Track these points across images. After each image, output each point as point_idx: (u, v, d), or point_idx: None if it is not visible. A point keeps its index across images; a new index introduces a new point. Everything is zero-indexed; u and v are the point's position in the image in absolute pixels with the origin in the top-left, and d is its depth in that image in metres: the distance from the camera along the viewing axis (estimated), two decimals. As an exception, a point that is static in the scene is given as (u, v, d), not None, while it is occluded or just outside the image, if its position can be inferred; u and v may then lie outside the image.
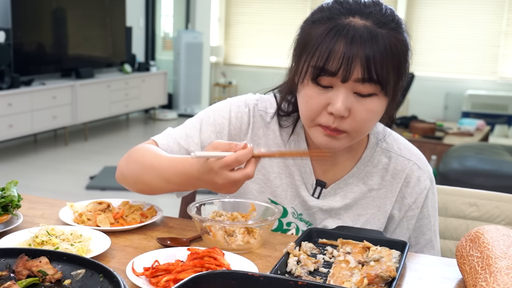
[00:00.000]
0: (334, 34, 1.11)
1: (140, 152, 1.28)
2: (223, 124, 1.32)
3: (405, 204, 1.32)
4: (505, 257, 0.91)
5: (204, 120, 1.33)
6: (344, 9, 1.14)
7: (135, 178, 1.26)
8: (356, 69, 1.10)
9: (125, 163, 1.30)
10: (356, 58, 1.09)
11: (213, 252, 1.03)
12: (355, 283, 0.97)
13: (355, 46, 1.09)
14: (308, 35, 1.16)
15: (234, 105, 1.34)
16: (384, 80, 1.12)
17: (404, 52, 1.15)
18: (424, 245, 1.34)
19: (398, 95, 1.19)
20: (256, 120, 1.33)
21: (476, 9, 7.99)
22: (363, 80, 1.11)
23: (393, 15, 1.16)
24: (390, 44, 1.11)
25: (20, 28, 5.91)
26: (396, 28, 1.14)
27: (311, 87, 1.15)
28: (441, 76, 8.09)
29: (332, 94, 1.14)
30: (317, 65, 1.12)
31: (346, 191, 1.31)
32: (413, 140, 3.48)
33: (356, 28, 1.10)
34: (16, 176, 4.76)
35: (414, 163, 1.32)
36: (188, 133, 1.32)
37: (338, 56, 1.10)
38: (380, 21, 1.12)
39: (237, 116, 1.32)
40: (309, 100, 1.16)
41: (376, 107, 1.15)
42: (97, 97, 6.78)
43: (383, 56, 1.10)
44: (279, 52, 8.94)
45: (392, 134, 1.35)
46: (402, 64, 1.15)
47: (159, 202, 1.40)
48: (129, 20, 7.76)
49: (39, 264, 0.94)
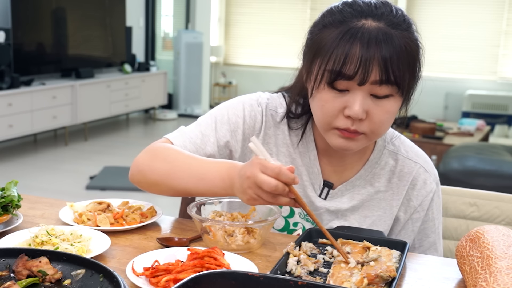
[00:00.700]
0: (349, 38, 1.10)
1: (166, 151, 1.23)
2: (238, 122, 1.31)
3: (411, 207, 1.32)
4: (505, 257, 0.91)
5: (218, 118, 1.31)
6: (355, 12, 1.13)
7: (162, 178, 1.21)
8: (373, 72, 1.09)
9: (147, 162, 1.23)
10: (374, 60, 1.09)
11: (213, 252, 1.03)
12: (355, 283, 0.97)
13: (371, 49, 1.09)
14: (320, 39, 1.15)
15: (248, 104, 1.32)
16: (401, 81, 1.12)
17: (417, 52, 1.15)
18: (428, 247, 1.35)
19: (411, 94, 1.19)
20: (268, 119, 1.32)
21: (476, 9, 7.99)
22: (380, 82, 1.11)
23: (404, 15, 1.15)
24: (405, 44, 1.11)
25: (20, 28, 5.91)
26: (408, 29, 1.14)
27: (327, 91, 1.14)
28: (441, 76, 8.09)
29: (348, 97, 1.13)
30: (334, 69, 1.11)
31: (353, 192, 1.31)
32: (413, 140, 3.48)
33: (370, 30, 1.10)
34: (16, 176, 4.76)
35: (421, 166, 1.32)
36: (204, 132, 1.30)
37: (355, 59, 1.09)
38: (393, 22, 1.12)
39: (251, 115, 1.31)
40: (324, 104, 1.15)
41: (393, 108, 1.15)
42: (97, 97, 6.78)
43: (399, 57, 1.10)
44: (279, 52, 8.95)
45: (400, 137, 1.35)
46: (416, 63, 1.15)
47: (159, 202, 1.40)
48: (129, 20, 7.76)
49: (39, 264, 0.94)
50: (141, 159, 1.25)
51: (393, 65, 1.10)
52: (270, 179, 1.00)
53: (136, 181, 1.27)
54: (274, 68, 8.90)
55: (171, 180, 1.19)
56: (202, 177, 1.15)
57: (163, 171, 1.20)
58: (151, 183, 1.23)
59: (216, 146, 1.29)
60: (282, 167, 1.00)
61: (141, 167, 1.24)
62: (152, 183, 1.23)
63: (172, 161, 1.20)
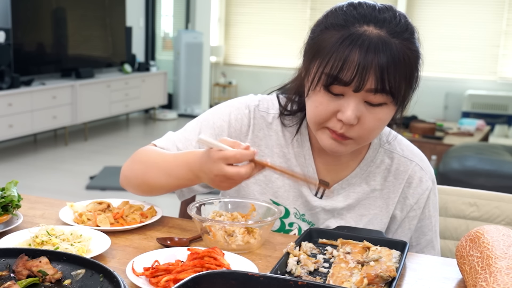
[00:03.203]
0: (349, 43, 1.10)
1: (143, 153, 1.30)
2: (222, 126, 1.32)
3: (407, 205, 1.32)
4: (505, 257, 0.91)
5: (204, 123, 1.34)
6: (359, 15, 1.13)
7: (138, 179, 1.28)
8: (369, 80, 1.10)
9: (128, 166, 1.32)
10: (371, 68, 1.09)
11: (213, 252, 1.03)
12: (355, 283, 0.97)
13: (369, 56, 1.09)
14: (321, 41, 1.15)
15: (234, 107, 1.34)
16: (396, 91, 1.12)
17: (415, 62, 1.15)
18: (425, 245, 1.35)
19: (406, 103, 1.20)
20: (257, 121, 1.33)
21: (476, 9, 7.99)
22: (375, 91, 1.11)
23: (407, 23, 1.15)
24: (404, 54, 1.11)
25: (20, 28, 5.91)
26: (409, 38, 1.14)
27: (323, 94, 1.15)
28: (441, 76, 8.10)
29: (342, 102, 1.14)
30: (331, 73, 1.12)
31: (349, 191, 1.31)
32: (413, 140, 3.48)
33: (371, 38, 1.10)
34: (16, 176, 4.76)
35: (417, 164, 1.32)
36: (187, 136, 1.33)
37: (352, 66, 1.09)
38: (395, 31, 1.12)
39: (237, 118, 1.32)
40: (319, 106, 1.16)
41: (385, 116, 1.16)
42: (97, 97, 6.78)
43: (397, 67, 1.10)
44: (279, 52, 8.95)
45: (395, 136, 1.35)
46: (413, 74, 1.16)
47: (159, 202, 1.40)
48: (129, 20, 7.76)
49: (39, 264, 0.94)
50: (125, 164, 1.33)
51: (390, 75, 1.10)
52: (238, 169, 1.07)
53: (124, 185, 1.34)
54: (274, 68, 8.90)
55: (147, 179, 1.26)
56: (169, 174, 1.21)
57: (139, 172, 1.28)
58: (134, 185, 1.30)
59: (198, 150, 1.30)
60: (239, 152, 1.06)
61: (124, 172, 1.32)
62: (134, 185, 1.30)
63: (145, 161, 1.28)
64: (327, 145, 1.20)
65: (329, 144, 1.19)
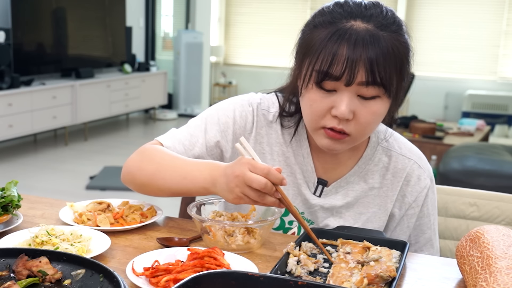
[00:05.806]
0: (337, 38, 1.11)
1: (155, 152, 1.27)
2: (228, 123, 1.32)
3: (406, 203, 1.32)
4: (505, 257, 0.91)
5: (209, 119, 1.33)
6: (345, 12, 1.15)
7: (148, 177, 1.25)
8: (360, 73, 1.11)
9: (136, 163, 1.28)
10: (360, 61, 1.10)
11: (213, 252, 1.03)
12: (355, 283, 0.97)
13: (358, 50, 1.10)
14: (310, 39, 1.16)
15: (238, 104, 1.34)
16: (388, 83, 1.13)
17: (405, 54, 1.16)
18: (423, 243, 1.35)
19: (400, 96, 1.20)
20: (260, 119, 1.33)
21: (476, 9, 7.99)
22: (367, 83, 1.12)
23: (394, 17, 1.17)
24: (392, 46, 1.12)
25: (20, 28, 5.92)
26: (397, 30, 1.15)
27: (315, 91, 1.16)
28: (441, 76, 8.09)
29: (336, 97, 1.14)
30: (321, 69, 1.13)
31: (348, 189, 1.31)
32: (413, 140, 3.48)
33: (358, 32, 1.11)
34: (16, 176, 4.76)
35: (415, 162, 1.33)
36: (193, 133, 1.32)
37: (341, 60, 1.10)
38: (382, 24, 1.13)
39: (242, 115, 1.33)
40: (313, 103, 1.17)
41: (380, 109, 1.16)
42: (97, 97, 6.78)
43: (386, 59, 1.11)
44: (279, 52, 8.95)
45: (393, 134, 1.35)
46: (404, 65, 1.16)
47: (159, 202, 1.40)
48: (129, 20, 7.76)
49: (39, 264, 0.94)
50: (131, 160, 1.30)
51: (379, 67, 1.11)
52: (259, 177, 1.04)
53: (127, 181, 1.31)
54: (274, 68, 8.90)
55: (157, 180, 1.23)
56: (185, 176, 1.18)
57: (149, 172, 1.24)
58: (140, 184, 1.28)
59: (205, 147, 1.31)
60: (270, 168, 1.05)
61: (130, 168, 1.29)
62: (140, 184, 1.28)
63: (158, 161, 1.24)
64: (324, 143, 1.20)
65: (326, 143, 1.20)
